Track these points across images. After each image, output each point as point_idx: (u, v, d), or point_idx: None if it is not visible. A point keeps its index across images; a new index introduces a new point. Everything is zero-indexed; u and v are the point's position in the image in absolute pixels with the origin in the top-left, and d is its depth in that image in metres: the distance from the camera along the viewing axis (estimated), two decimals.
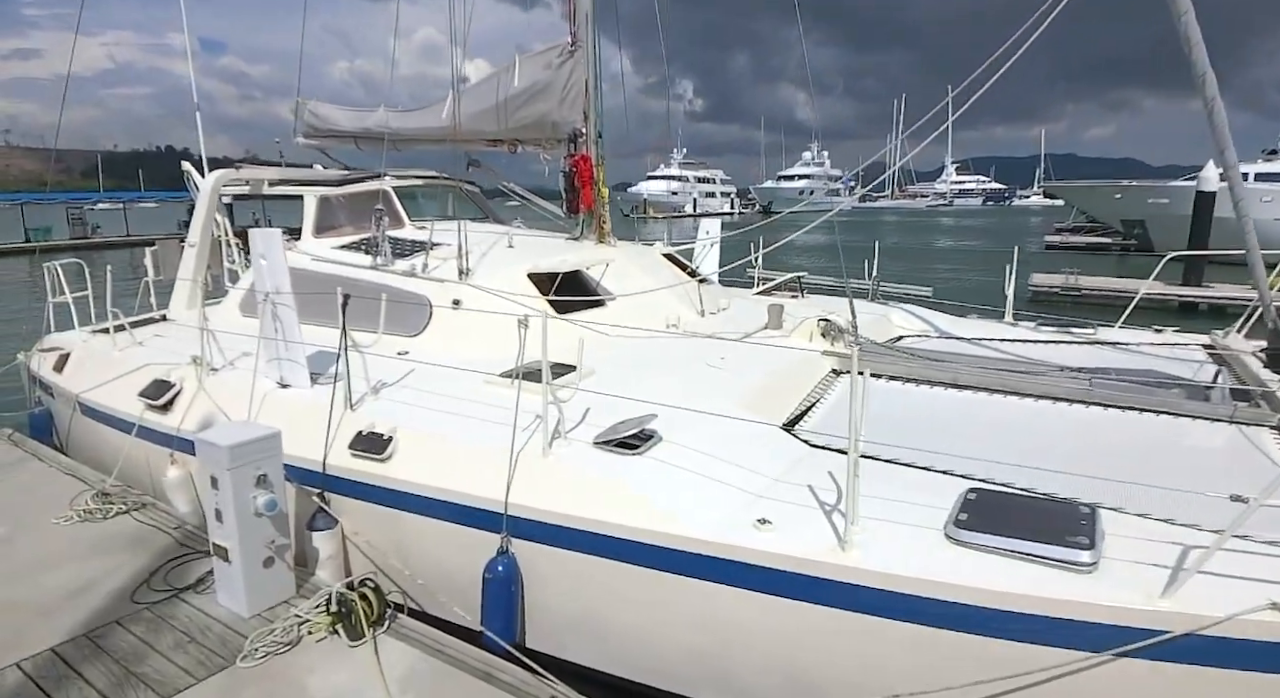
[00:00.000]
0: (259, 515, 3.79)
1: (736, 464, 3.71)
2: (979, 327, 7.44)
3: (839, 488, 3.52)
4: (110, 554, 4.51)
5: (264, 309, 4.85)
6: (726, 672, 3.40)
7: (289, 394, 4.89)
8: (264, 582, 3.89)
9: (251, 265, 6.88)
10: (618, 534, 3.43)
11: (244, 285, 6.86)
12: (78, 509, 5.04)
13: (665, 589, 3.38)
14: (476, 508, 3.77)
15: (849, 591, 3.03)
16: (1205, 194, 17.06)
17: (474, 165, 8.16)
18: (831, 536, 3.16)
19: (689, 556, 3.28)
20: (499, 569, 3.67)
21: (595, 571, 3.54)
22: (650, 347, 5.76)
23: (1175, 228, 24.11)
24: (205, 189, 7.40)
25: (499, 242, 6.73)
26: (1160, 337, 6.94)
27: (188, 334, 6.41)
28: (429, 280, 5.93)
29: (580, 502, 3.59)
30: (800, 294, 8.61)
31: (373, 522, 4.23)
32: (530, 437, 3.92)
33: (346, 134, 8.48)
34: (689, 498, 3.46)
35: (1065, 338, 7.04)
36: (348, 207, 7.55)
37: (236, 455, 3.67)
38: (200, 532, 4.75)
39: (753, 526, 3.23)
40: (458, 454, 4.01)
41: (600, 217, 7.13)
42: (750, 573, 3.17)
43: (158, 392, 5.30)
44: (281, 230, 5.35)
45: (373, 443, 4.17)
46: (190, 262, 7.45)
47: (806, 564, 3.06)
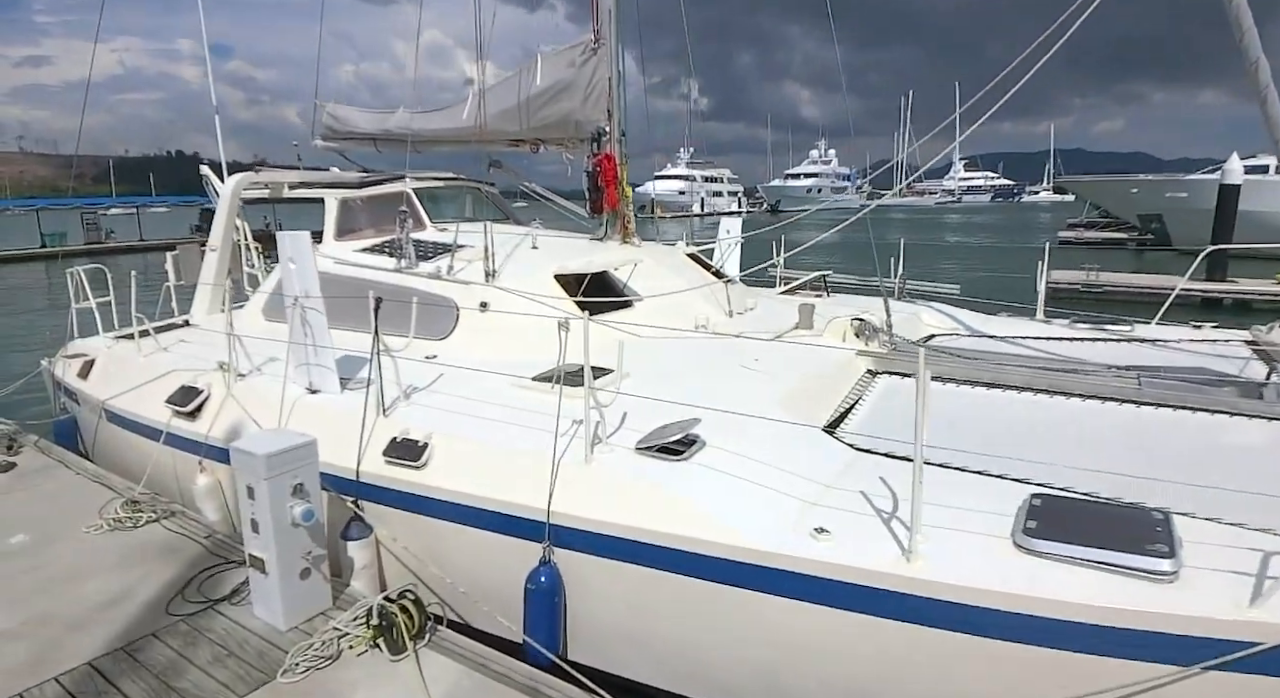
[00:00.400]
0: (295, 526, 3.72)
1: (785, 470, 3.61)
2: (1011, 324, 7.30)
3: (894, 494, 3.42)
4: (142, 564, 4.45)
5: (293, 314, 4.78)
6: (781, 686, 3.29)
7: (319, 400, 4.81)
8: (301, 593, 3.81)
9: (279, 269, 6.86)
10: (666, 543, 3.34)
11: (267, 289, 6.80)
12: (107, 518, 4.98)
13: (716, 600, 3.28)
14: (518, 517, 3.69)
15: (915, 603, 2.92)
16: (1229, 187, 16.81)
17: (495, 166, 8.08)
18: (893, 545, 3.05)
19: (742, 566, 3.18)
20: (541, 579, 3.58)
21: (641, 580, 3.45)
22: (680, 348, 5.66)
23: (1194, 222, 23.84)
24: (225, 193, 7.35)
25: (522, 243, 6.64)
26: (1199, 333, 6.78)
27: (212, 339, 6.36)
28: (455, 283, 5.85)
29: (625, 509, 3.49)
30: (825, 293, 8.51)
31: (408, 531, 4.15)
32: (570, 443, 3.83)
33: (366, 136, 8.42)
34: (739, 505, 3.36)
35: (1101, 335, 6.90)
36: (369, 209, 7.50)
37: (273, 465, 3.59)
38: (231, 541, 4.69)
39: (810, 534, 3.13)
40: (496, 461, 3.93)
41: (624, 216, 7.04)
42: (808, 584, 3.07)
43: (185, 398, 5.24)
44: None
45: (408, 450, 4.08)
46: (212, 266, 7.40)
47: (869, 576, 2.96)
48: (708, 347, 5.72)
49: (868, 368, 5.66)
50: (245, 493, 3.69)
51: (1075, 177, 35.87)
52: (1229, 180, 16.79)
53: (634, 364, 4.91)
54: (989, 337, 6.87)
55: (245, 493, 3.69)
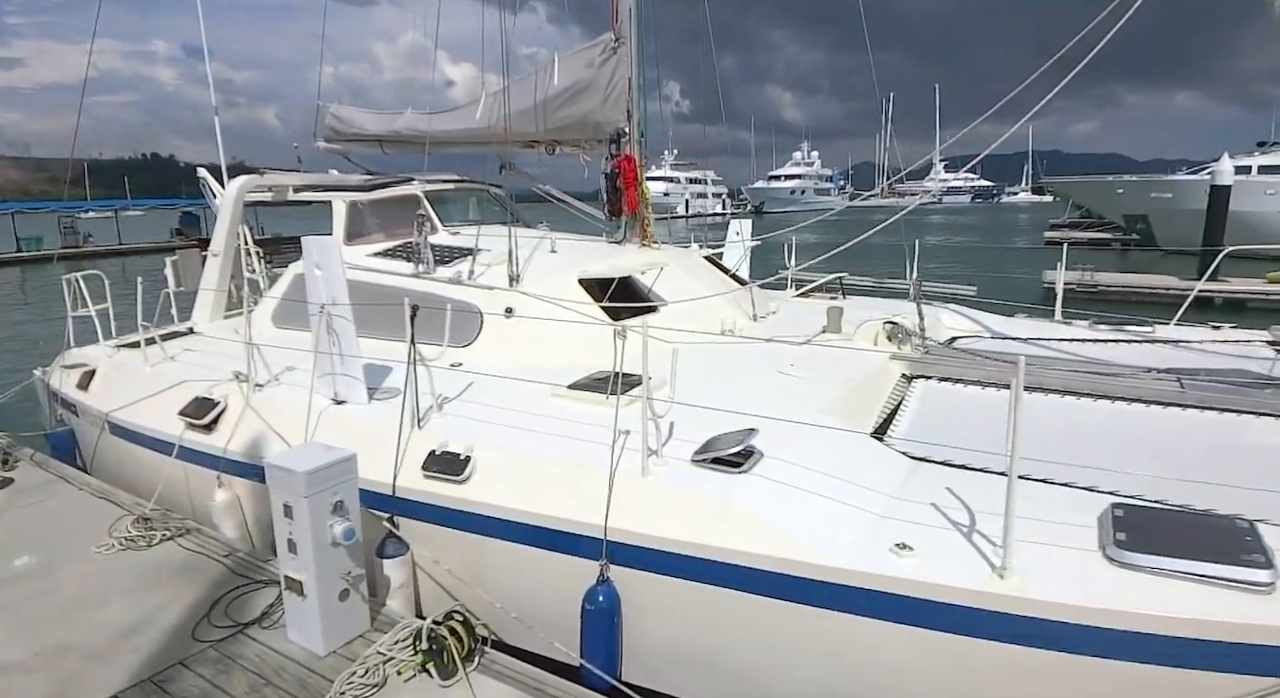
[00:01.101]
0: (335, 545, 3.52)
1: (847, 480, 3.48)
2: (1030, 326, 7.24)
3: (966, 506, 3.30)
4: (161, 586, 4.22)
5: (318, 321, 4.58)
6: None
7: (346, 411, 4.61)
8: (339, 616, 3.61)
9: (288, 274, 6.63)
10: (734, 561, 3.19)
11: (276, 295, 6.57)
12: (118, 537, 4.73)
13: (790, 620, 3.14)
14: (573, 533, 3.52)
15: (1009, 621, 2.80)
16: (1220, 188, 17.02)
17: (507, 168, 7.89)
18: (981, 561, 2.93)
19: (820, 584, 3.04)
20: (599, 599, 3.41)
21: (706, 599, 3.29)
22: (709, 354, 5.53)
23: (1179, 223, 24.17)
24: (229, 197, 7.11)
25: (540, 246, 6.47)
26: (1219, 333, 6.76)
27: (220, 348, 6.12)
28: (478, 288, 5.67)
29: (687, 525, 3.34)
30: (841, 296, 8.41)
31: (449, 548, 3.96)
32: (620, 455, 3.67)
33: (372, 137, 8.20)
34: (810, 520, 3.22)
35: (1122, 337, 6.85)
36: (377, 212, 7.28)
37: (314, 481, 3.40)
38: (253, 559, 4.47)
39: (891, 551, 3.00)
40: (544, 475, 3.76)
41: (644, 219, 6.89)
42: (893, 603, 2.93)
43: (200, 410, 5.00)
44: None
45: (449, 464, 3.90)
46: (214, 272, 7.16)
47: (962, 594, 2.83)
48: (736, 352, 5.59)
49: (902, 372, 5.56)
50: (281, 511, 3.49)
51: (1062, 178, 36.25)
52: (1220, 181, 17.00)
53: (664, 371, 4.76)
54: (1013, 339, 6.80)
55: (281, 511, 3.49)
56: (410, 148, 8.17)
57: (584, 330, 5.53)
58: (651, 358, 5.26)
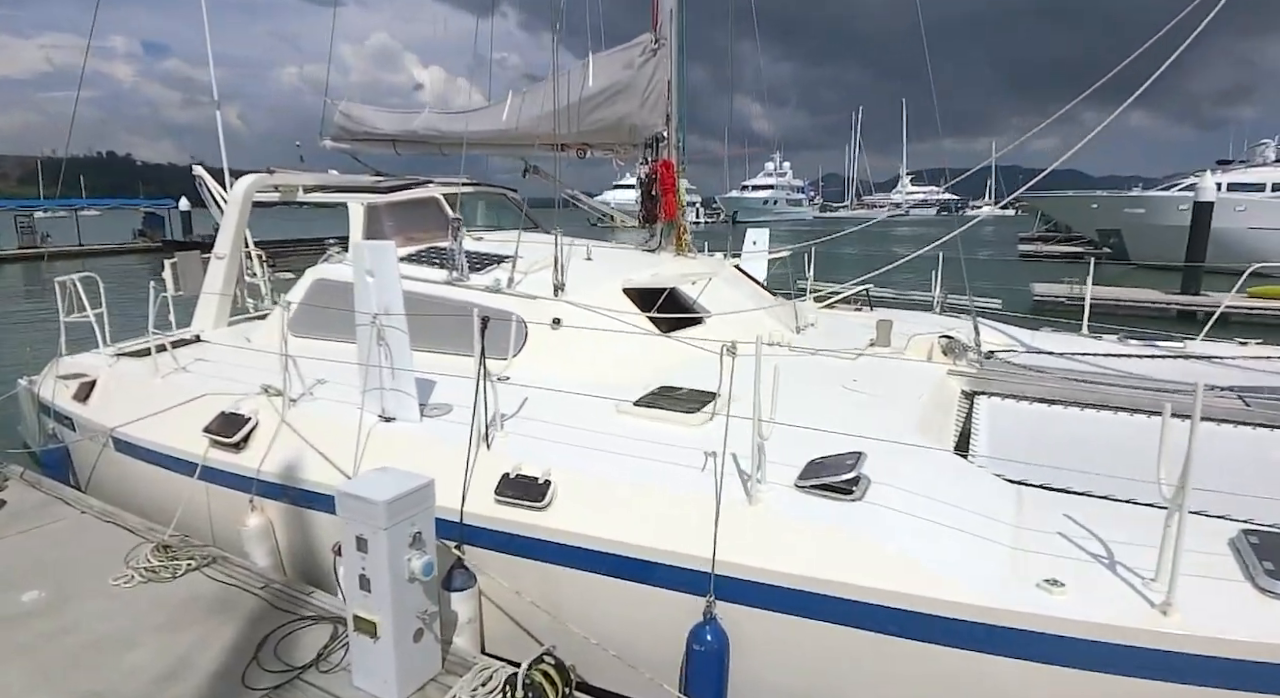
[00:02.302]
0: (411, 581, 3.19)
1: (962, 508, 3.27)
2: (1061, 340, 7.16)
3: (1094, 536, 3.12)
4: (194, 623, 3.82)
5: (368, 333, 4.23)
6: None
7: (398, 430, 4.26)
8: (412, 658, 3.28)
9: (307, 278, 6.24)
10: (862, 597, 2.94)
11: (294, 299, 6.17)
12: (137, 567, 4.31)
13: (919, 661, 2.90)
14: (674, 567, 3.24)
15: (1171, 659, 2.60)
16: (1203, 204, 17.43)
17: (532, 172, 7.59)
18: (1133, 595, 2.74)
19: (959, 623, 2.81)
20: (707, 638, 3.14)
21: (825, 638, 3.04)
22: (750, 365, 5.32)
23: (1151, 237, 24.79)
24: (236, 196, 6.69)
25: (575, 254, 6.19)
26: (1248, 349, 6.76)
27: (235, 358, 5.70)
28: (520, 297, 5.36)
29: (802, 558, 3.09)
30: (869, 307, 8.28)
31: (522, 580, 3.64)
32: (723, 480, 3.41)
33: (386, 137, 7.82)
34: (941, 553, 2.99)
35: (1154, 352, 6.81)
36: (395, 215, 6.92)
37: (394, 512, 3.07)
38: (295, 591, 4.09)
39: (1040, 587, 2.79)
40: (632, 501, 3.47)
41: (681, 227, 6.65)
42: (1042, 643, 2.72)
43: (228, 427, 4.60)
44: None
45: (526, 489, 3.59)
46: (219, 276, 6.73)
47: (1124, 633, 2.63)
48: (793, 366, 5.38)
49: (961, 389, 5.40)
50: (352, 545, 3.14)
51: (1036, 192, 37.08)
52: (1204, 198, 17.42)
53: (722, 386, 4.54)
54: (1047, 353, 6.70)
55: (352, 545, 3.14)
56: (426, 148, 7.83)
57: (630, 342, 5.27)
58: (703, 372, 5.05)
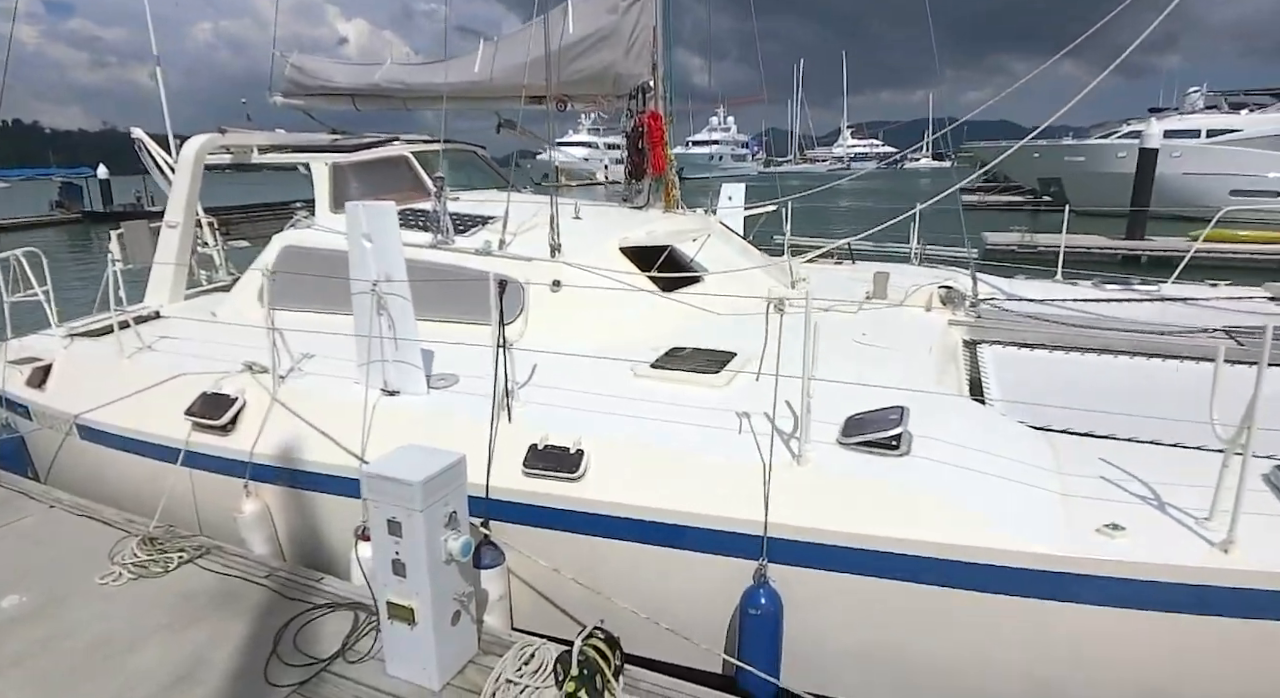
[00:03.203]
0: (448, 563, 3.01)
1: (1004, 457, 3.25)
2: (1040, 287, 7.26)
3: (1135, 478, 3.13)
4: (200, 620, 3.56)
5: (366, 302, 3.93)
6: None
7: (404, 403, 4.01)
8: (451, 642, 3.11)
9: (274, 246, 5.82)
10: (922, 553, 2.90)
11: (262, 267, 5.76)
12: (124, 563, 3.99)
13: (981, 611, 2.89)
14: (726, 532, 3.13)
15: (1234, 596, 2.64)
16: (1148, 151, 17.94)
17: (507, 127, 7.20)
18: (1190, 535, 2.76)
19: (1030, 573, 2.79)
20: (761, 601, 3.06)
21: (882, 595, 3.00)
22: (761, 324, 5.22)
23: (1090, 185, 25.53)
24: (186, 158, 6.16)
25: (563, 213, 5.91)
26: (1218, 291, 6.97)
27: (203, 333, 5.30)
28: (515, 259, 5.10)
29: (856, 516, 3.02)
30: (851, 261, 8.24)
31: (558, 554, 3.49)
32: (766, 442, 3.30)
33: (344, 91, 7.29)
34: (998, 504, 2.96)
35: (1133, 295, 6.97)
36: (362, 176, 6.50)
37: (430, 492, 2.86)
38: (303, 578, 3.86)
39: (1100, 532, 2.78)
40: (672, 467, 3.34)
41: (670, 182, 6.42)
42: (1106, 587, 2.73)
43: (213, 409, 4.26)
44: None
45: (559, 460, 3.42)
46: (173, 245, 6.23)
47: (1189, 572, 2.65)
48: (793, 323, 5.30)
49: (962, 338, 5.41)
50: (383, 529, 2.93)
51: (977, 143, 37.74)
52: (1148, 145, 17.93)
53: (730, 345, 4.44)
54: (1028, 300, 6.79)
55: (383, 529, 2.93)
56: (388, 103, 7.34)
57: (632, 303, 5.09)
58: (708, 331, 4.93)
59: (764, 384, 3.82)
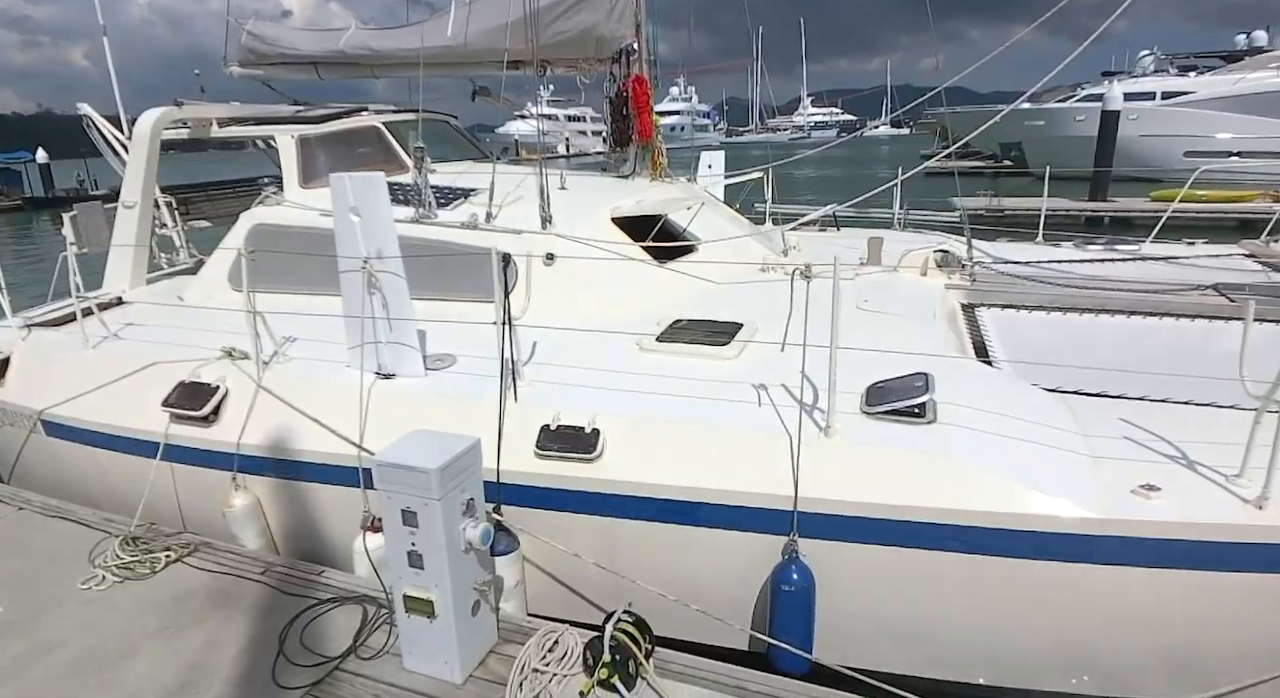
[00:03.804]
0: (467, 552, 2.87)
1: (1025, 420, 3.21)
2: (1024, 250, 7.28)
3: (1160, 437, 3.12)
4: (197, 622, 3.37)
5: (356, 281, 3.70)
6: (1095, 661, 2.95)
7: (401, 387, 3.82)
8: (471, 634, 2.98)
9: (241, 225, 5.50)
10: (967, 523, 2.84)
11: (230, 246, 5.46)
12: (107, 565, 3.76)
13: (1027, 577, 2.86)
14: (755, 508, 3.04)
15: (1270, 552, 2.64)
16: (1110, 113, 18.17)
17: (482, 94, 6.90)
18: (1222, 493, 2.75)
19: (1069, 537, 2.76)
20: (794, 577, 2.98)
21: (922, 565, 2.95)
22: (763, 294, 5.12)
23: (1050, 148, 25.84)
24: (142, 133, 5.77)
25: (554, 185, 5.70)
26: (1195, 249, 7.07)
27: (172, 319, 5.00)
28: (505, 233, 4.89)
29: (890, 487, 2.95)
30: (836, 228, 8.16)
31: (575, 538, 3.37)
32: (790, 415, 3.20)
33: (304, 60, 6.88)
34: (1033, 470, 2.92)
35: (1115, 255, 7.02)
36: (331, 149, 6.18)
37: (447, 479, 2.70)
38: (302, 573, 3.68)
39: (1135, 494, 2.75)
40: (693, 444, 3.23)
41: (656, 150, 6.23)
42: (1148, 548, 2.71)
43: (193, 399, 4.01)
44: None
45: (574, 440, 3.27)
46: (131, 226, 5.86)
47: (1227, 530, 2.63)
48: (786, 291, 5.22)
49: (959, 302, 5.37)
50: (398, 520, 2.77)
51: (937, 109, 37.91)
52: (1110, 107, 18.15)
53: (730, 315, 4.35)
54: (1013, 262, 6.79)
55: (398, 520, 2.77)
56: (353, 71, 6.97)
57: (628, 275, 4.94)
58: (706, 302, 4.80)
59: (773, 354, 3.72)
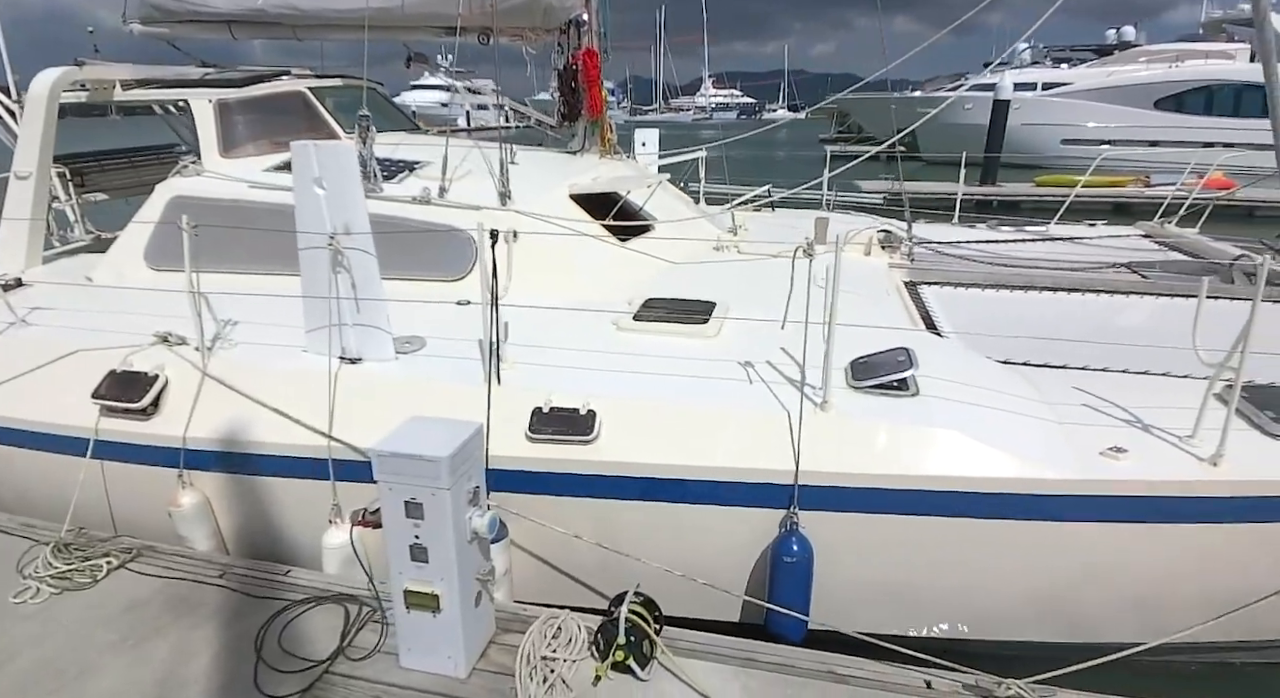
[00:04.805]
0: (471, 542, 2.76)
1: (994, 390, 3.41)
2: (943, 231, 7.68)
3: (1114, 404, 3.38)
4: (158, 632, 3.09)
5: (320, 258, 3.45)
6: (1068, 611, 3.20)
7: (371, 372, 3.61)
8: (474, 626, 2.89)
9: (158, 196, 5.02)
10: (954, 488, 2.99)
11: (145, 220, 4.97)
12: (41, 576, 3.38)
13: (1000, 537, 3.05)
14: (756, 484, 3.08)
15: (1223, 504, 2.93)
16: (1001, 102, 19.32)
17: (418, 61, 6.54)
18: (1180, 454, 3.02)
19: (1042, 498, 2.95)
20: (794, 548, 3.05)
21: (908, 532, 3.09)
22: (720, 273, 5.18)
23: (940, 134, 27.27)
24: (37, 95, 5.15)
25: (493, 158, 5.50)
26: (1096, 230, 7.69)
27: (85, 301, 4.52)
28: (460, 208, 4.69)
29: (885, 458, 3.06)
30: (772, 209, 8.31)
31: (570, 521, 3.31)
32: (802, 390, 3.25)
33: (219, 18, 6.28)
34: (1012, 437, 3.10)
35: (1025, 236, 7.52)
36: (253, 115, 5.73)
37: (456, 467, 2.58)
38: (266, 572, 3.45)
39: (1104, 455, 2.98)
40: (690, 423, 3.22)
41: (606, 125, 6.12)
42: (1117, 505, 2.94)
43: (128, 390, 3.63)
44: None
45: (570, 422, 3.20)
46: (26, 199, 5.25)
47: (1185, 486, 2.90)
48: (752, 270, 5.29)
49: (902, 280, 5.61)
50: (400, 512, 2.63)
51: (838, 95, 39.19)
52: (1001, 96, 19.31)
53: (694, 293, 4.39)
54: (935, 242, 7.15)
55: (400, 512, 2.63)
56: (275, 32, 6.45)
57: (589, 253, 4.87)
58: (670, 281, 4.80)
59: (749, 331, 3.77)
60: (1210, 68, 23.03)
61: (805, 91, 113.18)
